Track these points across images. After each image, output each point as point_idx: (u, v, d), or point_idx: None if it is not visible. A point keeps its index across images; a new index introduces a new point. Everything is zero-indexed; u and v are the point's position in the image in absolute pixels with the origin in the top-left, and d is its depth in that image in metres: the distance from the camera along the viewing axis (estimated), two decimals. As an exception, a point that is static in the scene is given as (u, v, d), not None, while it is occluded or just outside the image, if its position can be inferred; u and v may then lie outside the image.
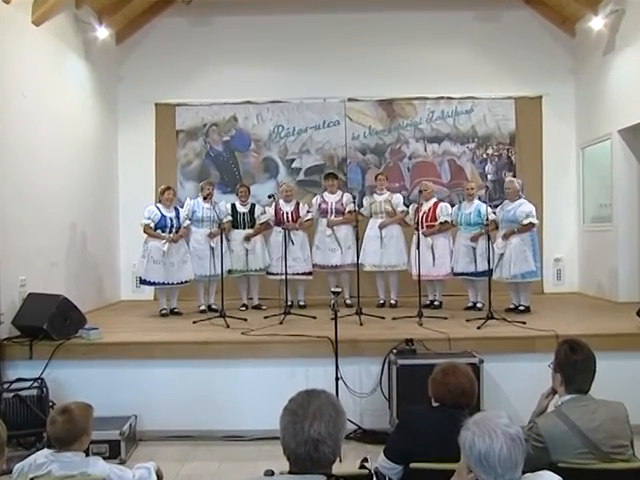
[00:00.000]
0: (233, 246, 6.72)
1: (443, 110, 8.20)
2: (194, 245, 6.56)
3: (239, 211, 6.83)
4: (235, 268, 6.68)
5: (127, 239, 7.94)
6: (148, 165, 8.22)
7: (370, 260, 6.67)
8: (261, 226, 6.83)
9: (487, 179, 8.12)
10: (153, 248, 6.25)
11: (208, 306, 6.69)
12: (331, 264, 6.75)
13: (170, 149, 8.27)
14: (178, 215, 6.44)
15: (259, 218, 6.84)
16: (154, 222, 6.29)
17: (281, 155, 8.33)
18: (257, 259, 6.73)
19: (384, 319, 5.78)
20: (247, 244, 6.69)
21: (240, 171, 8.37)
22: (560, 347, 2.71)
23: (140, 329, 5.68)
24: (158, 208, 6.40)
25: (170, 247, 6.25)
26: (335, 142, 8.25)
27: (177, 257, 6.33)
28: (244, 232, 6.76)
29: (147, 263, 6.20)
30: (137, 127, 8.15)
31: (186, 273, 6.40)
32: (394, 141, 8.25)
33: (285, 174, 8.32)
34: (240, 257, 6.68)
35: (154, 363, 4.80)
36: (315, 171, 8.31)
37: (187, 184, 8.32)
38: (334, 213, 6.83)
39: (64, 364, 4.74)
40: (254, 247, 6.71)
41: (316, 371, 4.67)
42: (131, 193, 8.06)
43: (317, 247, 6.82)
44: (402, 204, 6.75)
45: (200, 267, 6.41)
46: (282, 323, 5.63)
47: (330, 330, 4.57)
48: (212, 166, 8.41)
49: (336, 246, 6.72)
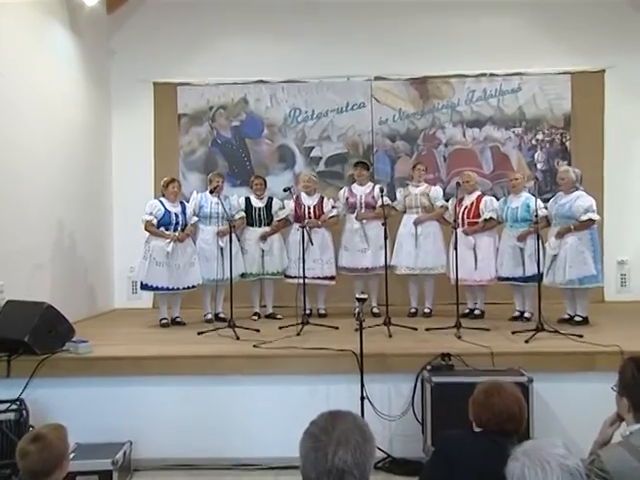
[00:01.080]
0: (247, 246, 6.76)
1: (485, 89, 8.20)
2: (201, 245, 6.60)
3: (254, 206, 6.88)
4: (249, 271, 6.74)
5: (122, 238, 8.02)
6: (146, 154, 8.23)
7: (403, 262, 6.71)
8: (279, 223, 6.87)
9: (536, 169, 8.09)
10: (156, 248, 6.27)
11: (215, 315, 6.74)
12: (361, 267, 6.77)
13: (171, 135, 8.31)
14: (184, 211, 6.49)
15: (277, 214, 6.88)
16: (157, 218, 6.33)
17: (298, 142, 8.39)
18: (274, 261, 6.78)
19: (416, 330, 5.80)
20: (263, 244, 6.73)
21: (251, 161, 8.42)
22: (626, 366, 2.66)
23: (137, 342, 5.71)
24: (161, 202, 6.44)
25: (175, 247, 6.29)
26: (360, 127, 8.28)
27: (183, 259, 6.37)
28: (260, 230, 6.81)
29: (149, 265, 6.23)
30: (133, 110, 8.19)
31: (193, 277, 6.44)
32: (428, 126, 8.26)
33: (303, 164, 8.38)
34: (255, 259, 6.74)
35: (153, 381, 4.81)
36: (337, 160, 8.35)
37: (191, 176, 8.37)
38: (363, 208, 6.87)
39: (48, 383, 4.72)
40: (271, 247, 6.76)
41: (339, 390, 4.68)
42: (126, 186, 8.10)
43: (345, 247, 6.86)
44: (441, 198, 6.77)
45: (207, 270, 6.44)
46: (300, 334, 5.67)
47: (354, 343, 4.58)
48: (219, 155, 8.47)
49: (366, 246, 6.74)
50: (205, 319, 6.71)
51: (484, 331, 5.71)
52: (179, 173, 8.25)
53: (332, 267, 6.79)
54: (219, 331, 5.79)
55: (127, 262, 7.85)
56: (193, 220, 6.58)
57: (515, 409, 2.65)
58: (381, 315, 6.39)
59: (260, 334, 5.73)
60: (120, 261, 8.16)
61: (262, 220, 6.86)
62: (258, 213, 6.87)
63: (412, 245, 6.66)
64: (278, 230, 6.89)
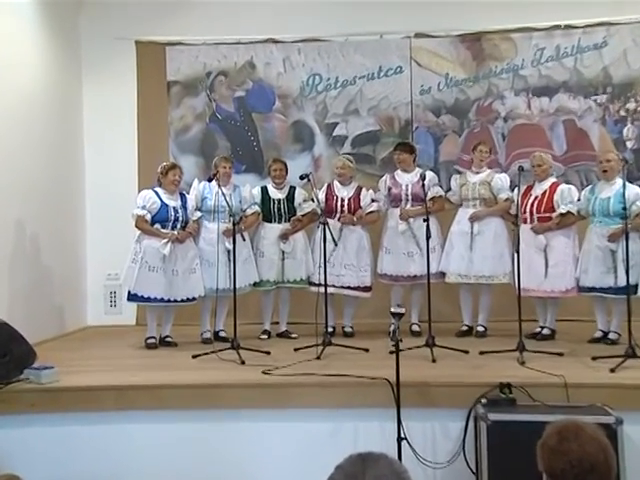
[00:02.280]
0: (264, 247, 6.86)
1: (559, 46, 8.07)
2: (203, 246, 6.70)
3: (273, 198, 6.94)
4: (266, 278, 6.80)
5: (97, 240, 8.05)
6: (127, 133, 8.20)
7: (454, 267, 6.72)
8: (304, 219, 6.94)
9: (625, 148, 7.93)
10: (149, 250, 6.33)
11: (215, 333, 6.78)
12: (408, 274, 6.82)
13: (159, 109, 8.31)
14: (185, 204, 6.57)
15: (301, 207, 6.96)
16: (151, 213, 6.39)
17: (318, 118, 8.36)
18: (298, 265, 6.86)
19: (468, 353, 5.81)
20: (284, 244, 6.80)
21: (260, 141, 8.41)
22: None
23: (116, 367, 5.71)
24: (157, 194, 6.49)
25: (174, 249, 6.35)
26: (396, 98, 8.23)
27: (183, 264, 6.46)
28: (280, 227, 6.87)
29: (140, 270, 6.29)
30: (110, 77, 8.16)
31: (194, 287, 6.52)
32: (482, 95, 8.19)
33: (324, 145, 8.36)
34: (274, 262, 6.82)
35: (136, 417, 4.79)
36: (367, 140, 8.30)
37: (184, 159, 8.28)
38: (411, 200, 6.85)
39: (1, 421, 4.70)
40: (294, 249, 6.83)
41: (369, 428, 4.67)
42: (102, 175, 8.11)
43: (387, 250, 6.92)
44: (507, 188, 6.77)
45: (209, 278, 6.50)
46: (320, 358, 5.70)
47: (389, 369, 4.58)
48: (219, 133, 8.46)
49: (415, 248, 6.79)
50: (202, 338, 6.74)
51: (556, 356, 5.67)
52: (169, 155, 8.24)
53: (368, 275, 6.84)
54: (220, 354, 5.78)
55: (103, 268, 7.86)
56: (196, 216, 6.66)
57: (599, 457, 2.60)
58: (423, 334, 6.39)
59: (271, 357, 5.78)
60: (95, 267, 8.15)
61: (282, 215, 6.92)
62: (277, 206, 6.93)
63: (466, 247, 6.69)
64: (303, 227, 6.96)
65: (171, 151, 8.37)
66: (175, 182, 6.49)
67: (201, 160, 8.15)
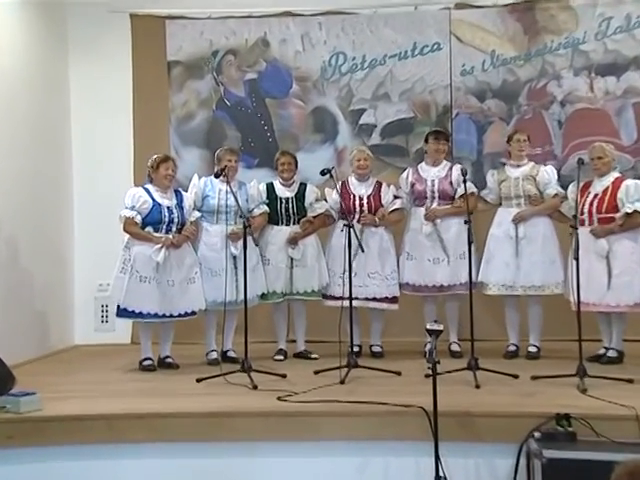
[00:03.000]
0: (269, 253, 6.85)
1: (629, 15, 7.93)
2: (204, 252, 6.69)
3: (280, 196, 6.93)
4: (272, 289, 6.79)
5: (87, 245, 8.02)
6: (121, 121, 8.19)
7: (496, 277, 6.66)
8: (316, 220, 6.91)
9: None
10: (140, 257, 6.32)
11: (223, 353, 6.74)
12: (434, 284, 6.79)
13: (158, 94, 8.29)
14: (181, 203, 6.58)
15: (312, 207, 6.96)
16: (141, 215, 6.38)
17: (342, 103, 8.33)
18: (308, 275, 6.85)
19: (517, 378, 5.76)
20: (293, 250, 6.80)
21: (274, 131, 8.39)
22: None
23: (108, 393, 5.65)
24: (148, 192, 6.49)
25: (169, 256, 6.35)
26: (433, 80, 8.18)
27: (180, 273, 6.45)
28: (288, 230, 6.87)
29: (130, 282, 6.28)
30: (101, 57, 8.12)
31: (193, 299, 6.50)
32: (535, 75, 8.09)
33: (349, 135, 8.30)
34: (281, 271, 6.82)
35: (132, 451, 4.75)
36: (399, 129, 8.24)
37: (187, 151, 8.33)
38: (437, 198, 6.85)
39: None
40: (304, 255, 6.82)
41: (402, 464, 4.65)
42: (93, 169, 8.09)
43: (408, 255, 6.91)
44: (556, 182, 6.73)
45: (213, 289, 6.52)
46: (344, 382, 5.67)
47: (425, 395, 4.52)
48: (228, 122, 8.44)
49: (441, 254, 6.77)
50: (208, 360, 6.74)
51: (624, 383, 5.57)
52: (170, 148, 8.19)
53: (395, 284, 6.85)
54: (228, 377, 5.78)
55: (94, 278, 7.81)
56: (194, 216, 6.64)
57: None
58: (464, 355, 6.38)
59: (287, 382, 5.77)
60: (84, 277, 8.13)
61: (291, 216, 6.92)
62: (285, 206, 6.92)
63: (510, 253, 6.62)
64: (314, 230, 6.94)
65: (172, 142, 8.33)
66: (168, 177, 6.47)
67: (207, 153, 8.05)
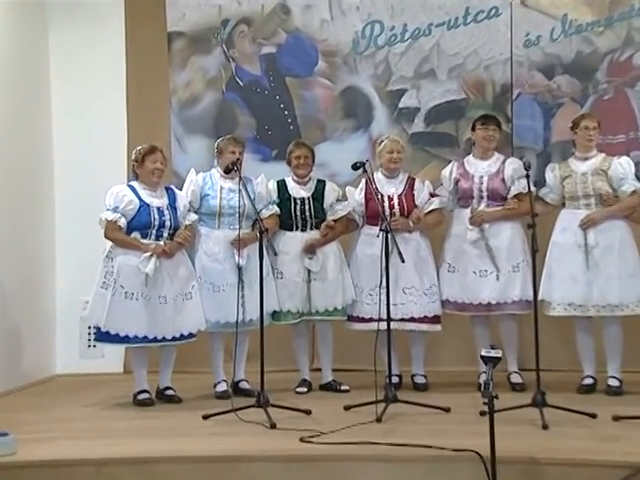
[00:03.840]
0: (282, 264, 6.78)
1: None
2: (204, 263, 6.62)
3: (294, 196, 6.86)
4: (286, 308, 6.71)
5: (70, 253, 7.94)
6: (112, 105, 8.11)
7: (562, 294, 6.49)
8: (338, 225, 6.83)
9: None
10: (125, 269, 6.25)
11: (234, 384, 6.69)
12: (480, 301, 6.66)
13: (157, 72, 8.15)
14: (175, 203, 6.54)
15: (333, 209, 6.88)
16: (126, 217, 6.30)
17: (378, 83, 8.11)
18: (330, 290, 6.75)
19: (595, 418, 5.53)
20: (311, 260, 6.70)
21: (296, 116, 8.22)
22: None
23: (96, 433, 5.55)
24: (133, 190, 6.43)
25: (160, 267, 6.26)
26: (489, 53, 7.96)
27: (173, 287, 6.38)
28: (304, 237, 6.78)
29: (113, 299, 6.19)
30: (87, 26, 8.06)
31: (191, 318, 6.42)
32: (618, 46, 7.84)
33: (386, 121, 8.09)
34: (296, 286, 6.75)
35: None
36: (447, 114, 8.06)
37: (192, 141, 8.19)
38: (486, 198, 6.75)
39: None
40: (324, 267, 6.74)
41: None
42: (78, 160, 7.97)
43: (450, 267, 6.81)
44: (633, 178, 6.56)
45: (216, 307, 6.48)
46: (381, 420, 5.53)
47: (480, 437, 4.44)
48: (240, 106, 8.27)
49: (490, 266, 6.65)
50: (216, 392, 6.63)
51: None
52: (170, 137, 8.12)
53: (436, 300, 6.76)
54: (241, 413, 5.64)
55: (79, 293, 7.46)
56: (190, 219, 6.57)
57: None
58: (527, 388, 6.30)
59: (312, 419, 5.67)
60: (67, 292, 7.98)
61: (307, 220, 6.81)
62: (300, 208, 6.80)
63: (579, 265, 6.45)
64: (336, 237, 6.84)
65: (173, 131, 8.21)
66: (156, 172, 6.40)
67: (214, 143, 7.43)
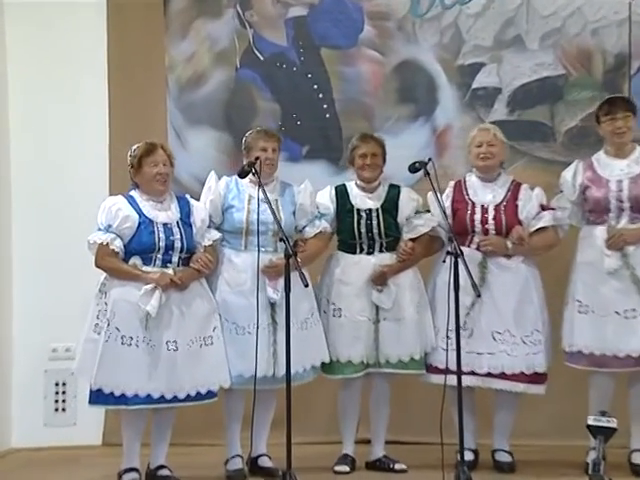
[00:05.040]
0: (341, 299, 6.20)
1: None
2: (226, 297, 5.97)
3: (359, 207, 6.30)
4: (347, 358, 6.15)
5: (31, 286, 7.32)
6: (91, 87, 7.40)
7: None
8: (417, 246, 6.25)
9: None
10: (122, 306, 5.70)
11: (252, 460, 6.17)
12: (628, 353, 6.00)
13: (148, 42, 7.51)
14: (188, 218, 5.99)
15: (411, 225, 6.28)
16: (123, 239, 5.75)
17: (445, 55, 7.52)
18: (406, 334, 6.16)
19: None
20: (380, 293, 6.11)
21: (334, 100, 7.54)
22: None
23: None
24: (132, 202, 5.86)
25: (168, 303, 5.69)
26: (598, 13, 7.33)
27: (187, 329, 5.81)
28: (371, 262, 6.18)
29: (107, 346, 5.64)
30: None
31: (211, 371, 5.89)
32: None
33: (456, 106, 7.49)
34: (360, 327, 6.13)
35: None
36: (539, 96, 7.48)
37: (195, 136, 7.49)
38: (628, 210, 6.06)
39: None
40: (400, 302, 6.14)
41: None
42: (42, 164, 7.34)
43: (581, 306, 6.12)
44: None
45: (239, 356, 5.88)
46: None
47: None
48: (260, 87, 7.56)
49: (638, 303, 6.00)
50: (228, 471, 6.01)
51: None
52: (167, 130, 7.44)
53: (541, 352, 6.11)
54: None
55: (44, 338, 7.11)
56: (210, 239, 5.97)
57: None
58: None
59: None
60: (27, 336, 7.34)
61: (376, 239, 6.17)
62: (367, 223, 6.19)
63: None
64: (415, 261, 6.26)
65: (170, 121, 7.48)
66: (159, 177, 5.81)
67: (227, 137, 7.15)
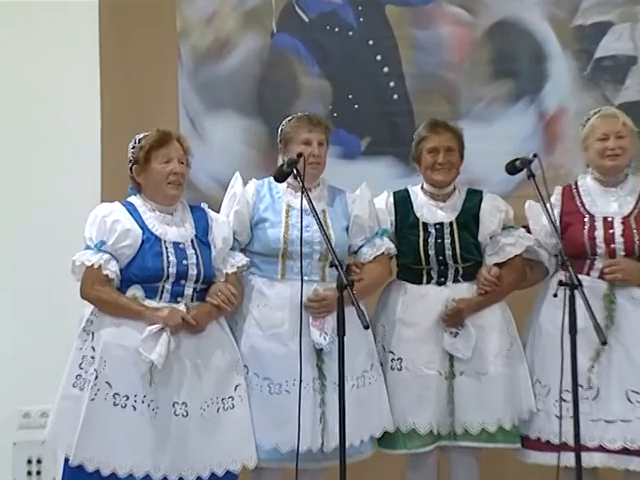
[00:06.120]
0: (402, 346, 5.64)
1: None
2: (255, 341, 5.30)
3: (425, 220, 5.73)
4: (411, 425, 5.52)
5: None
6: (76, 58, 6.85)
7: None
8: (506, 271, 5.68)
9: None
10: (116, 354, 5.01)
11: None
12: None
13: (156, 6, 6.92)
14: (207, 234, 5.24)
15: (497, 244, 5.67)
16: (119, 261, 5.02)
17: (557, 13, 6.93)
18: (491, 395, 5.54)
19: None
20: (455, 339, 5.56)
21: (405, 76, 6.78)
22: None
23: None
24: (132, 212, 5.12)
25: (178, 351, 5.00)
26: None
27: (201, 387, 5.11)
28: (443, 295, 5.58)
29: (94, 407, 4.91)
30: None
31: (231, 444, 5.25)
32: None
33: (572, 83, 6.89)
34: (428, 385, 5.51)
35: None
36: None
37: (217, 124, 6.76)
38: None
39: None
40: (481, 352, 5.60)
41: None
42: (12, 162, 6.90)
43: None
44: None
45: (275, 422, 5.21)
46: None
47: None
48: (304, 58, 6.94)
49: None
50: None
51: None
52: (179, 117, 6.70)
53: None
54: None
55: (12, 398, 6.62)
56: (234, 264, 5.30)
57: None
58: None
59: None
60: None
61: (449, 265, 5.54)
62: (437, 242, 5.60)
63: None
64: (502, 295, 5.58)
65: (183, 105, 6.69)
66: (172, 178, 4.99)
67: (258, 126, 6.34)
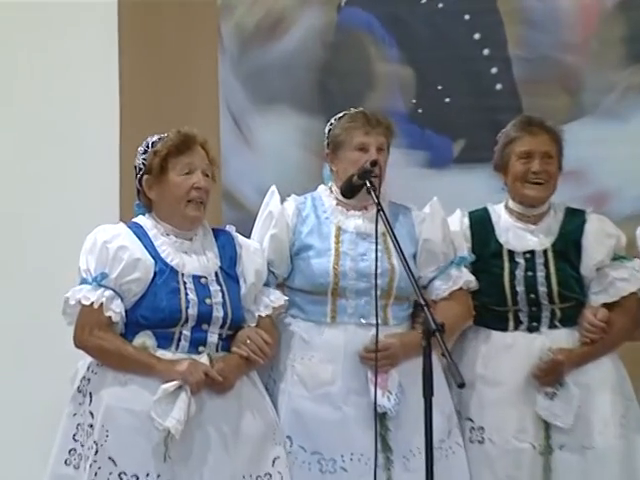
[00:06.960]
0: (484, 411, 5.27)
1: None
2: (299, 405, 4.86)
3: (511, 248, 5.26)
4: None
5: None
6: (90, 47, 6.37)
7: None
8: (616, 317, 5.06)
9: None
10: (123, 418, 4.35)
11: None
12: None
13: None
14: (234, 266, 4.69)
15: (605, 279, 5.02)
16: (125, 300, 4.48)
17: None
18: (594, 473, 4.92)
19: None
20: (552, 402, 5.09)
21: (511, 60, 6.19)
22: None
23: None
24: (141, 236, 4.53)
25: (200, 415, 4.46)
26: None
27: (230, 461, 4.46)
28: (536, 344, 5.00)
29: None
30: None
31: None
32: None
33: None
34: (522, 461, 5.03)
35: None
36: None
37: (268, 124, 6.27)
38: None
39: None
40: (587, 418, 5.11)
41: None
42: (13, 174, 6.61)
43: None
44: None
45: None
46: None
47: None
48: (380, 38, 6.30)
49: None
50: None
51: None
52: (219, 114, 6.21)
53: None
54: None
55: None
56: (269, 304, 4.66)
57: None
58: None
59: None
60: None
61: (542, 305, 4.98)
62: (528, 277, 5.02)
63: None
64: (613, 346, 5.01)
65: (225, 99, 6.12)
66: (194, 195, 4.32)
67: (319, 124, 5.56)
